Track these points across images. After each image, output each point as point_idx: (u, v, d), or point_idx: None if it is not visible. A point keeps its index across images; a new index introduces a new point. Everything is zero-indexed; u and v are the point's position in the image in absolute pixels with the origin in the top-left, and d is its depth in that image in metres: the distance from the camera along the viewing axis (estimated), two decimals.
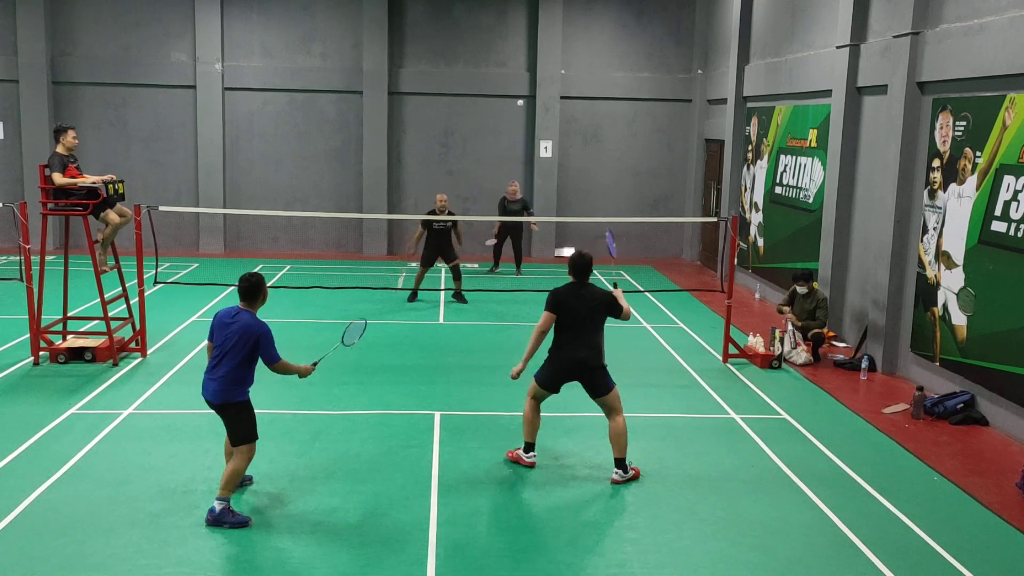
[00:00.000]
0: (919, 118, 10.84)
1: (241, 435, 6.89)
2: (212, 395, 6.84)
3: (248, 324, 6.76)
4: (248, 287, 6.91)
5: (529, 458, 8.05)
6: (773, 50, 16.04)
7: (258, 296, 6.94)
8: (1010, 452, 8.70)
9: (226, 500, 6.80)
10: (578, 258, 7.81)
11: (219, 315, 6.95)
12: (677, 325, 13.84)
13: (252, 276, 6.95)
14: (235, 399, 6.83)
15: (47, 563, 6.14)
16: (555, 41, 20.24)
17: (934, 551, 6.59)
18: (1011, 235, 8.98)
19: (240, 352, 6.72)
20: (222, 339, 6.81)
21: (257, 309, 6.97)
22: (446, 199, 15.29)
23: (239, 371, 6.77)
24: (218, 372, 6.79)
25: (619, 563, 6.33)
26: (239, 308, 6.92)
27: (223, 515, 6.75)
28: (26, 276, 11.00)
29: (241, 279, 6.94)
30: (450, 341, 12.63)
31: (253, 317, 6.85)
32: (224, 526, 6.73)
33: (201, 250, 20.42)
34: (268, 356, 6.79)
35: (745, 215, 17.16)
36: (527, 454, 8.07)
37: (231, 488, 6.82)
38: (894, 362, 11.35)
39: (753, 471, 8.05)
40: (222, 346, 6.79)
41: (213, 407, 6.91)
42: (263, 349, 6.76)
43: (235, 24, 20.06)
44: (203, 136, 20.06)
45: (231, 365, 6.75)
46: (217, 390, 6.79)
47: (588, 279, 7.85)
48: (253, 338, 6.72)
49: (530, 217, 17.95)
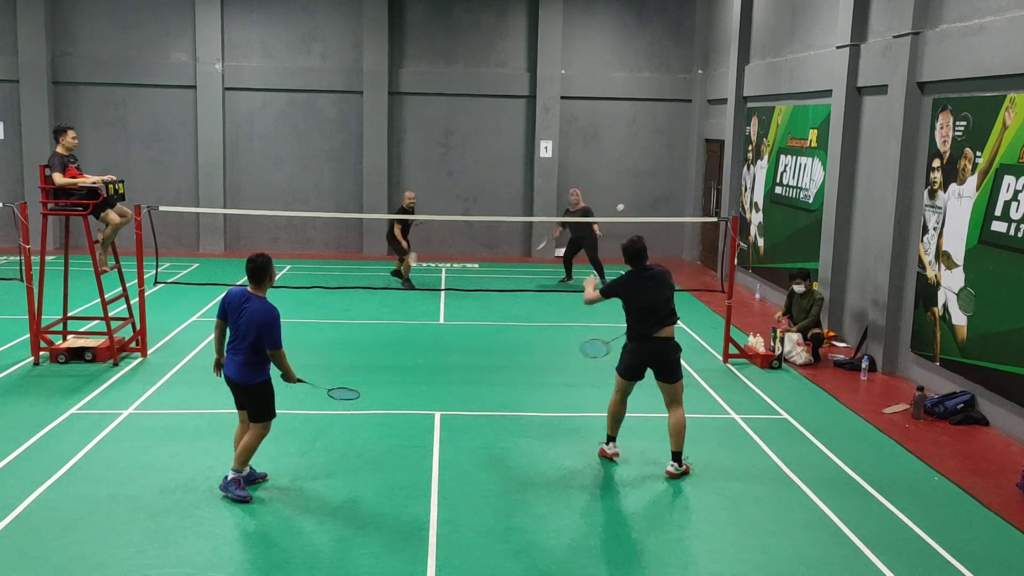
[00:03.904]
0: (919, 118, 10.84)
1: (259, 413, 7.14)
2: (234, 375, 7.07)
3: (254, 312, 6.92)
4: (255, 268, 7.03)
5: (611, 449, 8.29)
6: (773, 50, 16.04)
7: (265, 277, 7.06)
8: (1010, 452, 8.70)
9: (239, 472, 7.12)
10: (629, 245, 7.98)
11: (229, 295, 7.11)
12: (677, 325, 13.81)
13: (258, 257, 7.08)
14: (256, 380, 7.08)
15: (47, 563, 6.14)
16: (555, 41, 20.24)
17: (934, 551, 6.59)
18: (1011, 235, 8.97)
19: (250, 338, 6.94)
20: (235, 324, 7.02)
21: (266, 290, 7.11)
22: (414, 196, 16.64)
23: (257, 355, 7.01)
24: (238, 356, 7.02)
25: (620, 563, 6.33)
26: (249, 292, 7.05)
27: (231, 485, 7.12)
28: (26, 276, 11.00)
29: (248, 260, 7.07)
30: (450, 341, 12.62)
31: (262, 303, 6.98)
32: (228, 496, 7.10)
33: (201, 250, 20.42)
34: (270, 342, 6.96)
35: (745, 215, 17.15)
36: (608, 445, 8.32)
37: (243, 462, 7.16)
38: (894, 362, 11.34)
39: (753, 471, 8.04)
40: (236, 332, 7.01)
41: (233, 385, 7.13)
42: (265, 336, 6.92)
43: (235, 24, 20.06)
44: (203, 136, 20.06)
45: (247, 350, 6.98)
46: (238, 371, 7.04)
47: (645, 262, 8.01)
48: (257, 324, 6.89)
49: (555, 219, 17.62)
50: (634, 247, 7.94)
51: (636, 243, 7.95)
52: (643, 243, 8.00)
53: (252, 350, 6.99)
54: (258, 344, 6.96)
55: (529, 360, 11.67)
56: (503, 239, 21.08)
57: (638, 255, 7.93)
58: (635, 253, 7.93)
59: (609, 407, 8.23)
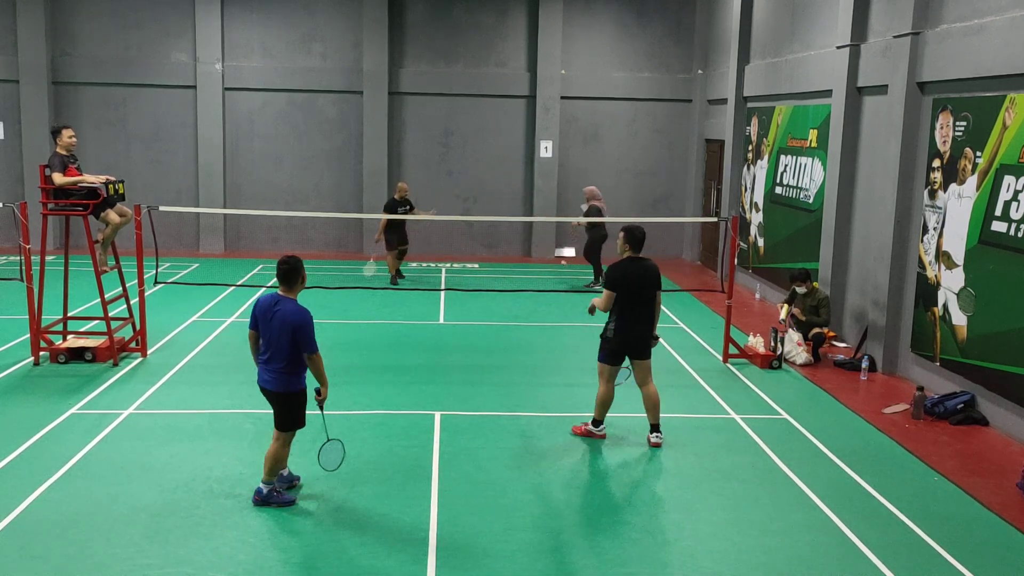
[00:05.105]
0: (919, 118, 10.84)
1: (288, 422, 7.08)
2: (270, 384, 6.99)
3: (286, 315, 6.84)
4: (286, 269, 6.97)
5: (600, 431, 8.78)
6: (773, 50, 16.04)
7: (296, 279, 6.99)
8: (1010, 452, 8.70)
9: (271, 483, 7.10)
10: (637, 229, 8.48)
11: (260, 303, 7.02)
12: (677, 325, 13.84)
13: (290, 258, 7.02)
14: (294, 388, 7.01)
15: (47, 563, 6.14)
16: (555, 41, 20.25)
17: (934, 551, 6.59)
18: (1011, 235, 8.97)
19: (286, 345, 6.85)
20: (267, 332, 6.90)
21: (297, 293, 7.03)
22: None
23: (293, 364, 6.93)
24: (273, 365, 6.92)
25: (620, 563, 6.33)
26: (279, 295, 6.99)
27: (270, 496, 7.08)
28: (26, 276, 11.00)
29: (280, 262, 7.03)
30: (450, 341, 12.62)
31: (294, 305, 6.91)
32: (272, 505, 7.05)
33: (201, 250, 20.42)
34: (306, 345, 6.87)
35: (745, 215, 17.16)
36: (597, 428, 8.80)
37: (274, 472, 7.13)
38: (894, 362, 11.35)
39: (753, 471, 8.05)
40: (269, 339, 6.90)
41: (266, 393, 7.06)
42: (301, 339, 6.84)
43: (235, 24, 20.06)
44: (203, 136, 20.06)
45: (284, 359, 6.89)
46: (274, 380, 6.96)
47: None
48: (291, 328, 6.81)
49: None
50: (641, 232, 8.44)
51: (642, 228, 8.47)
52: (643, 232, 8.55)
53: (288, 356, 6.86)
54: (294, 349, 6.84)
55: (529, 360, 11.67)
56: (503, 239, 21.08)
57: (642, 241, 8.41)
58: (641, 238, 8.41)
59: (602, 396, 8.62)
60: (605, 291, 8.32)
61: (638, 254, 8.43)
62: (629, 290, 8.29)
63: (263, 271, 17.86)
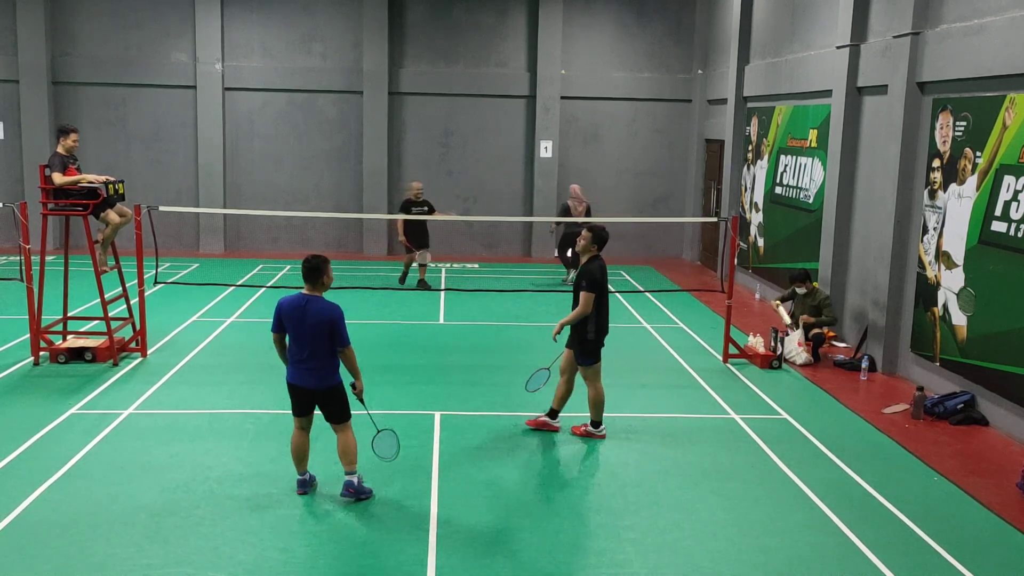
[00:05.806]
0: (919, 118, 10.84)
1: (342, 413, 7.20)
2: (310, 383, 7.04)
3: (322, 311, 6.91)
4: (310, 268, 7.03)
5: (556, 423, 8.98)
6: (773, 50, 16.04)
7: (321, 276, 7.04)
8: (1010, 452, 8.70)
9: (355, 472, 7.21)
10: (604, 231, 8.69)
11: (284, 305, 7.05)
12: (677, 325, 13.84)
13: (314, 258, 7.09)
14: (338, 381, 7.13)
15: (47, 563, 6.15)
16: (555, 41, 20.24)
17: (934, 551, 6.59)
18: (1011, 235, 8.97)
19: (325, 340, 6.93)
20: (300, 332, 6.94)
21: (322, 292, 7.08)
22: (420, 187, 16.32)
23: (334, 358, 7.05)
24: (314, 363, 6.99)
25: (620, 563, 6.33)
26: (305, 294, 7.04)
27: (360, 487, 7.23)
28: (26, 276, 11.00)
29: (304, 261, 7.09)
30: (450, 341, 12.63)
31: (324, 301, 7.00)
32: (363, 497, 7.20)
33: (201, 250, 20.42)
34: (340, 339, 6.98)
35: (745, 215, 17.16)
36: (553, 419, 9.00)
37: (352, 461, 7.21)
38: (894, 362, 11.35)
39: (753, 471, 8.05)
40: (304, 339, 6.93)
41: (306, 393, 7.10)
42: (337, 332, 6.94)
43: (235, 24, 20.06)
44: (203, 136, 20.06)
45: (324, 355, 6.98)
46: (315, 379, 7.02)
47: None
48: (327, 323, 6.89)
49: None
50: (607, 233, 8.68)
51: (607, 230, 8.71)
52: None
53: (330, 352, 6.98)
54: (331, 345, 6.95)
55: (529, 360, 11.64)
56: (503, 239, 21.08)
57: (606, 241, 8.63)
58: (607, 239, 8.62)
59: (596, 397, 8.70)
60: (585, 294, 8.36)
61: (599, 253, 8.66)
62: (603, 288, 8.49)
63: (263, 271, 17.86)
